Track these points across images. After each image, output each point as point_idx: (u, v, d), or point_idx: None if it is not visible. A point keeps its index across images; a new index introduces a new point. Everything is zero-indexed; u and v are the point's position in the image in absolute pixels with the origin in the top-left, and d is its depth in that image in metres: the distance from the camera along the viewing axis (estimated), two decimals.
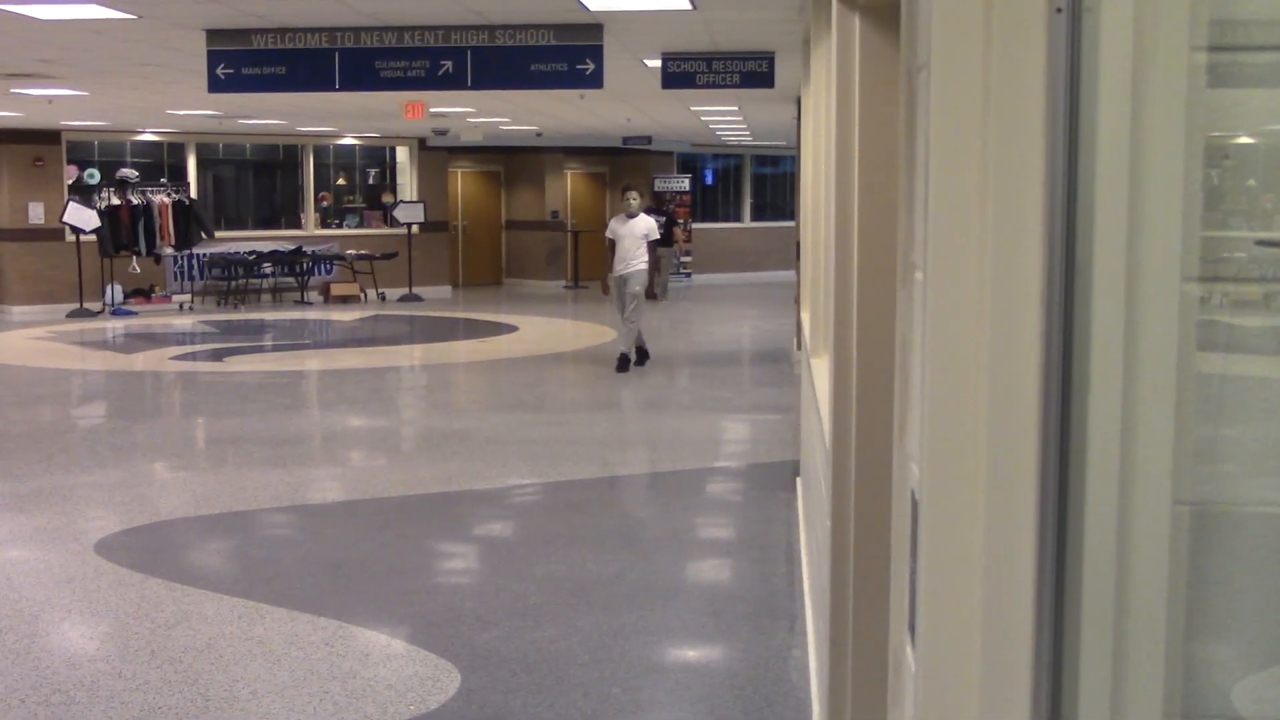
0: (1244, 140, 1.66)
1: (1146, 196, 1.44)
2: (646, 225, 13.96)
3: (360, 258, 23.23)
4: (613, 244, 13.96)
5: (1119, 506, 1.46)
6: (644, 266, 13.85)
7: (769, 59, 10.75)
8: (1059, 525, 1.45)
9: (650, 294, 13.97)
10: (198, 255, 21.96)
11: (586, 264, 26.11)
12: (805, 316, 7.72)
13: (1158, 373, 1.45)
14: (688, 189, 27.57)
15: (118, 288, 20.87)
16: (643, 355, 14.42)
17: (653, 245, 13.96)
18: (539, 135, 23.46)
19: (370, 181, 25.18)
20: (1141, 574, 1.47)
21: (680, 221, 26.34)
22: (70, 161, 21.30)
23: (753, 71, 10.87)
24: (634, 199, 13.96)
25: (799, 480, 8.09)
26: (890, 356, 3.22)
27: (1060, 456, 1.44)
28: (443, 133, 21.93)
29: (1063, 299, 1.43)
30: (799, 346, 12.09)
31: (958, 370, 1.51)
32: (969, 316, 1.50)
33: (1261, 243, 1.54)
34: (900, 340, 1.93)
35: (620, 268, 13.81)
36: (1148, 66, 1.42)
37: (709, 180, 30.12)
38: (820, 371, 5.35)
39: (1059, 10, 1.41)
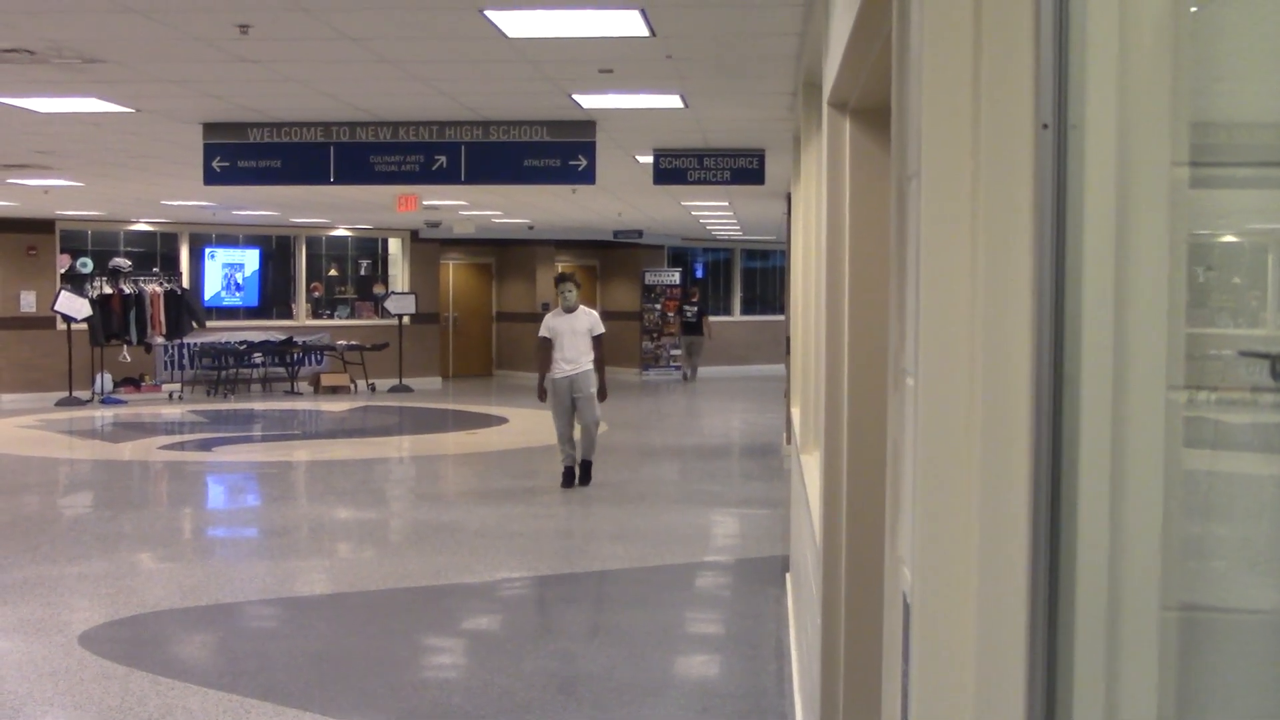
0: (1227, 240, 1.70)
1: (1132, 305, 1.47)
2: (590, 319, 12.17)
3: (351, 348, 23.28)
4: (547, 342, 12.11)
5: (1108, 611, 1.47)
6: (591, 366, 12.08)
7: (759, 156, 10.90)
8: (1050, 632, 1.46)
9: (600, 395, 12.13)
10: (188, 344, 22.00)
11: None
12: (795, 411, 7.75)
13: (1145, 479, 1.47)
14: (678, 283, 27.76)
15: (107, 376, 20.87)
16: (587, 469, 12.47)
17: (599, 341, 12.14)
18: (531, 228, 23.66)
19: (362, 272, 25.31)
20: (1132, 677, 1.49)
21: (690, 310, 27.35)
22: (64, 250, 21.39)
23: (743, 168, 11.03)
24: (571, 291, 12.15)
25: (789, 576, 8.06)
26: (880, 456, 3.24)
27: (1051, 564, 1.46)
28: (435, 225, 22.12)
29: (1051, 407, 1.45)
30: (789, 441, 12.10)
31: (949, 475, 1.53)
32: (960, 422, 1.53)
33: (1245, 353, 1.57)
34: (891, 443, 1.95)
35: (564, 368, 11.98)
36: (1131, 180, 1.46)
37: (699, 274, 30.31)
38: (810, 467, 5.36)
39: (1045, 126, 1.46)
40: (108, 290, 20.70)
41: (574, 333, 12.01)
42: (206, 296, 22.96)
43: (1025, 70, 1.48)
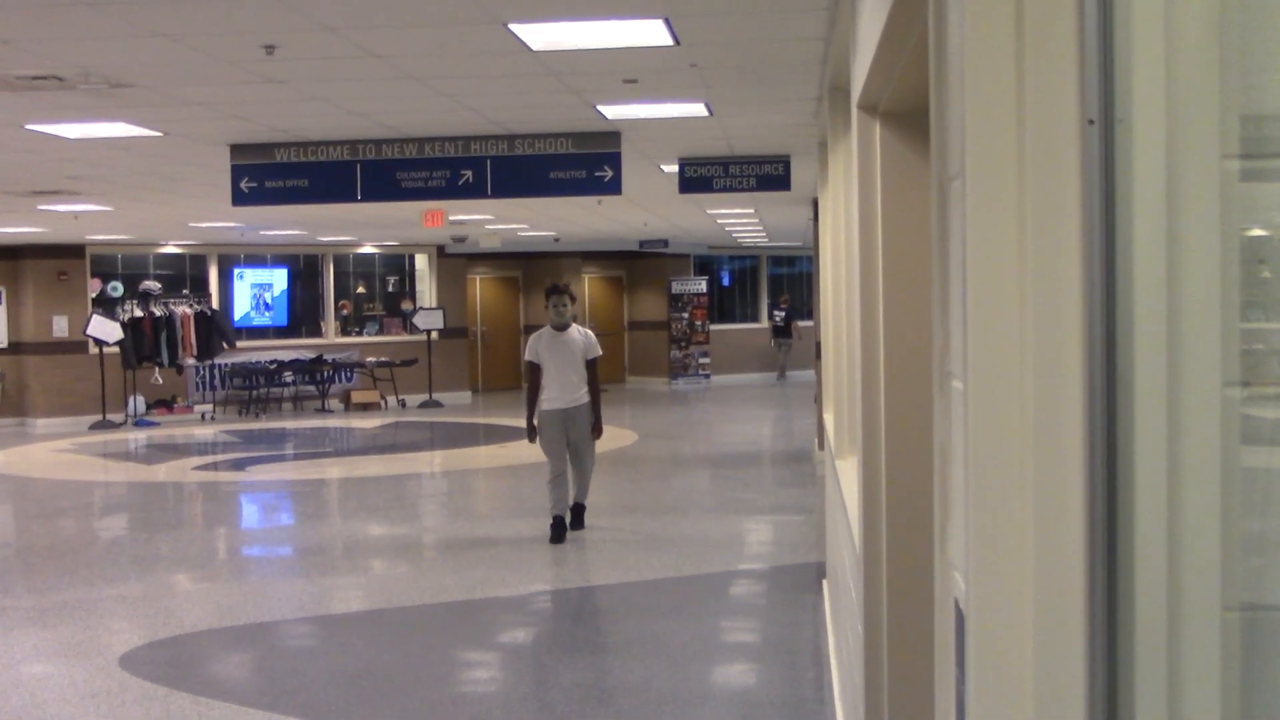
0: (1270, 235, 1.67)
1: (1185, 302, 1.44)
2: (585, 341, 10.13)
3: (380, 365, 23.34)
4: (536, 369, 10.07)
5: (1169, 614, 1.45)
6: (587, 398, 10.11)
7: (785, 162, 10.88)
8: (1109, 636, 1.43)
9: (595, 431, 10.24)
10: (219, 365, 22.11)
11: (604, 367, 26.21)
12: (828, 417, 7.71)
13: (1203, 478, 1.45)
14: (704, 291, 27.76)
15: (140, 399, 20.99)
16: (579, 513, 10.55)
17: (593, 365, 10.17)
18: (557, 240, 23.68)
19: (390, 289, 25.39)
20: (1195, 682, 1.46)
21: (779, 315, 28.47)
22: (94, 275, 21.54)
23: (769, 175, 11.00)
24: (564, 305, 10.11)
25: (825, 582, 8.02)
26: (920, 460, 3.22)
27: (1108, 566, 1.43)
28: (461, 240, 22.17)
29: (1105, 406, 1.43)
30: (821, 446, 12.05)
31: (1002, 479, 1.51)
32: (1012, 424, 1.50)
33: None
34: (939, 447, 1.92)
35: (555, 400, 9.99)
36: (1181, 174, 1.44)
37: (726, 282, 30.29)
38: (846, 473, 5.33)
39: (1091, 122, 1.43)
40: (138, 313, 20.83)
41: (568, 357, 10.02)
42: (236, 317, 23.07)
43: (1069, 65, 1.45)
